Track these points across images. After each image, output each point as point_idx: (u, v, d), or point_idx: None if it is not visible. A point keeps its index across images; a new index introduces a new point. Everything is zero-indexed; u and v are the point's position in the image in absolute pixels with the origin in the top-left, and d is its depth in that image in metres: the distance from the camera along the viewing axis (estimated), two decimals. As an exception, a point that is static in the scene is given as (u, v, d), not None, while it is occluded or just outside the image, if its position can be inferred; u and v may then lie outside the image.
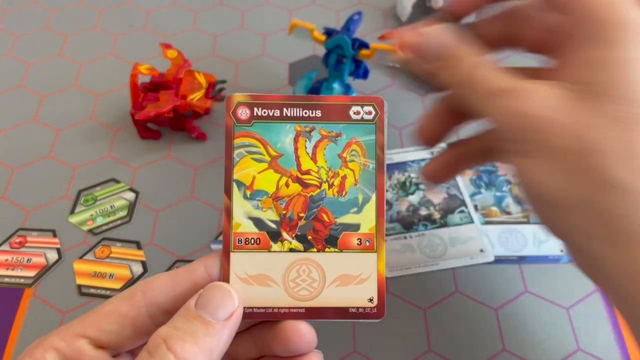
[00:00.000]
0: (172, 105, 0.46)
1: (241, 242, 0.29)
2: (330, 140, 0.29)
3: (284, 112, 0.29)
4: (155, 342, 0.25)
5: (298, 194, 0.29)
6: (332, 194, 0.29)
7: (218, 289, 0.27)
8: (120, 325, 0.27)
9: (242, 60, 0.56)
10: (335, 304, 0.29)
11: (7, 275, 0.41)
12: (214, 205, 0.45)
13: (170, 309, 0.28)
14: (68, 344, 0.26)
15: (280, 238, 0.29)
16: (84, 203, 0.45)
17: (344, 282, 0.29)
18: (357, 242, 0.29)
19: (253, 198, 0.29)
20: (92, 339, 0.27)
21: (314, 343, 0.28)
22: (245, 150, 0.29)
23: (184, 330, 0.25)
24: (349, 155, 0.29)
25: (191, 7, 0.62)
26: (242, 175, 0.29)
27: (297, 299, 0.29)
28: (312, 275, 0.29)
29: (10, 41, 0.59)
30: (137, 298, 0.27)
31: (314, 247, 0.29)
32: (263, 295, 0.29)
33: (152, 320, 0.28)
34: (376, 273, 0.29)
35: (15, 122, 0.51)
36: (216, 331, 0.26)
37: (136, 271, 0.41)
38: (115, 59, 0.57)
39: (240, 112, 0.29)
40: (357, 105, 0.29)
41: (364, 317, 0.29)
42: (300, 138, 0.29)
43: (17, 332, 0.38)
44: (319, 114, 0.29)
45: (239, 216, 0.29)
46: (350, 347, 0.38)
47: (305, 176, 0.29)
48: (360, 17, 0.48)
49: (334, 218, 0.29)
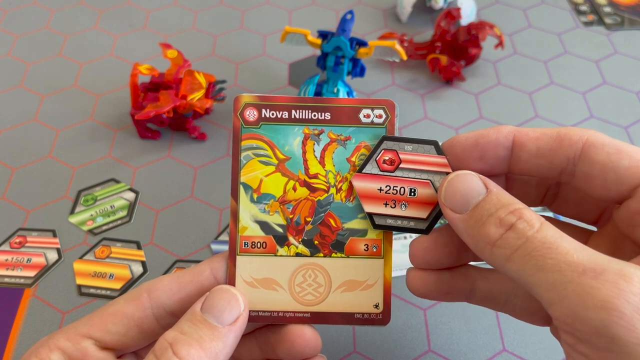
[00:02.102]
0: (172, 105, 0.46)
1: (247, 246, 0.29)
2: (339, 144, 0.29)
3: (293, 114, 0.29)
4: (161, 346, 0.25)
5: (305, 198, 0.29)
6: (340, 199, 0.29)
7: (224, 293, 0.27)
8: (125, 326, 0.27)
9: (242, 60, 0.56)
10: (341, 309, 0.29)
11: (7, 275, 0.41)
12: (214, 205, 0.45)
13: (175, 310, 0.28)
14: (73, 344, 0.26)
15: (286, 242, 0.29)
16: (84, 203, 0.45)
17: (350, 287, 0.29)
18: (364, 248, 0.29)
19: (260, 201, 0.29)
20: (97, 340, 0.27)
21: (318, 348, 0.28)
22: (252, 153, 0.29)
23: (190, 335, 0.25)
24: (358, 159, 0.29)
25: (191, 7, 0.62)
26: (249, 178, 0.29)
27: (303, 304, 0.28)
28: (318, 280, 0.29)
29: (10, 41, 0.59)
30: (143, 299, 0.27)
31: (320, 252, 0.29)
32: (269, 299, 0.28)
33: (158, 321, 0.28)
34: (382, 279, 0.29)
35: (15, 122, 0.51)
36: (222, 335, 0.26)
37: (136, 271, 0.41)
38: (115, 59, 0.57)
39: (248, 114, 0.29)
40: (367, 109, 0.29)
41: (370, 322, 0.29)
42: (309, 141, 0.29)
43: (17, 332, 0.38)
44: (328, 117, 0.29)
45: (245, 219, 0.29)
46: (351, 347, 0.38)
47: (313, 180, 0.29)
48: (353, 16, 0.48)
49: (341, 223, 0.29)
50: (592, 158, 0.25)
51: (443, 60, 0.53)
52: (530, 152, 0.26)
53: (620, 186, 0.25)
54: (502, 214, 0.24)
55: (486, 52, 0.56)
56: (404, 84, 0.54)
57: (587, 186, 0.26)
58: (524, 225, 0.23)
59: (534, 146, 0.26)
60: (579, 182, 0.26)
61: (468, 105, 0.52)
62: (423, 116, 0.51)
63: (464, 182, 0.26)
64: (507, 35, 0.59)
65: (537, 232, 0.23)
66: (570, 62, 0.56)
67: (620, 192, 0.25)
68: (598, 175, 0.25)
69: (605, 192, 0.26)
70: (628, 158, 0.25)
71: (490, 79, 0.55)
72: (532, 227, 0.23)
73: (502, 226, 0.24)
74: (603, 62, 0.56)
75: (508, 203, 0.25)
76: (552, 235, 0.23)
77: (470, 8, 0.58)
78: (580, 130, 0.26)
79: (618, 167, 0.25)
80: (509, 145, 0.27)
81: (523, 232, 0.23)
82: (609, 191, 0.26)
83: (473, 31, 0.53)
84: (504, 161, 0.27)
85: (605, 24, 0.60)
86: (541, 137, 0.26)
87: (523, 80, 0.54)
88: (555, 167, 0.26)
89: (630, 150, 0.25)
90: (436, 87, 0.54)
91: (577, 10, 0.62)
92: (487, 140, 0.27)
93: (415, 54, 0.55)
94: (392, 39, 0.55)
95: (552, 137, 0.26)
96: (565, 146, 0.26)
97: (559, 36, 0.59)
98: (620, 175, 0.25)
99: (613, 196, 0.26)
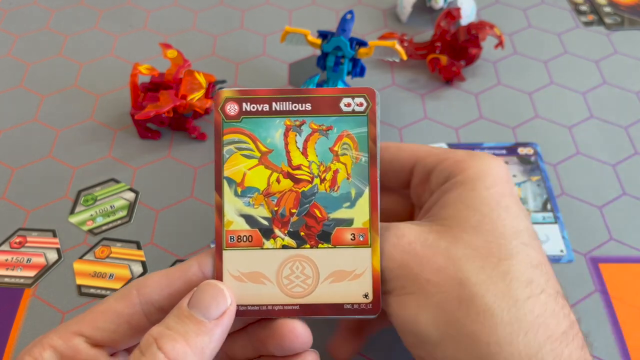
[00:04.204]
0: (172, 105, 0.46)
1: (233, 240, 0.29)
2: (321, 134, 0.29)
3: (273, 106, 0.29)
4: (147, 342, 0.25)
5: (289, 190, 0.29)
6: (324, 189, 0.29)
7: (211, 288, 0.27)
8: (115, 323, 0.27)
9: (242, 60, 0.56)
10: (330, 300, 0.28)
11: (7, 275, 0.41)
12: (214, 205, 0.45)
13: (164, 306, 0.28)
14: (65, 342, 0.27)
15: (272, 235, 0.29)
16: (84, 203, 0.45)
17: (338, 278, 0.28)
18: (350, 238, 0.29)
19: (244, 195, 0.29)
20: (88, 337, 0.27)
21: (309, 342, 0.28)
22: (235, 147, 0.29)
23: (176, 330, 0.25)
24: (341, 148, 0.29)
25: (191, 7, 0.62)
26: (232, 172, 0.29)
27: (291, 296, 0.28)
28: (305, 272, 0.28)
29: (10, 41, 0.59)
30: (132, 296, 0.27)
31: (307, 243, 0.29)
32: (257, 293, 0.28)
33: (147, 318, 0.28)
34: (371, 268, 0.28)
35: (15, 122, 0.51)
36: (208, 330, 0.26)
37: (136, 271, 0.41)
38: (115, 59, 0.57)
39: (229, 108, 0.29)
40: (347, 97, 0.29)
41: (359, 313, 0.28)
42: (290, 132, 0.29)
43: (17, 332, 0.38)
44: (308, 108, 0.29)
45: (230, 214, 0.29)
46: (350, 347, 0.38)
47: (296, 171, 0.29)
48: (353, 16, 0.48)
49: (327, 213, 0.29)
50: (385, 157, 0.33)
51: (443, 60, 0.53)
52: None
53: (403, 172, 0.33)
54: None
55: (486, 52, 0.56)
56: (404, 84, 0.54)
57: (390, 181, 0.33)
58: None
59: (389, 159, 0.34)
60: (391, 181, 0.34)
61: (468, 105, 0.52)
62: (423, 116, 0.51)
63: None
64: (507, 35, 0.59)
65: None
66: (570, 62, 0.56)
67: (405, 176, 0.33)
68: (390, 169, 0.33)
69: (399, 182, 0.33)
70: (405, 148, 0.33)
71: (490, 79, 0.55)
72: None
73: None
74: (603, 62, 0.56)
75: None
76: None
77: (470, 8, 0.58)
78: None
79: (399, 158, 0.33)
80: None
81: None
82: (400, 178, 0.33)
83: (473, 31, 0.53)
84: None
85: (605, 24, 0.60)
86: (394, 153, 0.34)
87: (523, 80, 0.54)
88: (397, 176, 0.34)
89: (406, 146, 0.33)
90: (436, 87, 0.54)
91: (577, 10, 0.62)
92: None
93: (415, 54, 0.55)
94: (392, 39, 0.55)
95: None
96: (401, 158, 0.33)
97: (559, 36, 0.59)
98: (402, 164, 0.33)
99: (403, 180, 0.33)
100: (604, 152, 0.48)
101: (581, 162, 0.48)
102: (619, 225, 0.44)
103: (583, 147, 0.49)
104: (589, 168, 0.47)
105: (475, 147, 0.48)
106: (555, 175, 0.47)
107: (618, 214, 0.44)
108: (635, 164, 0.48)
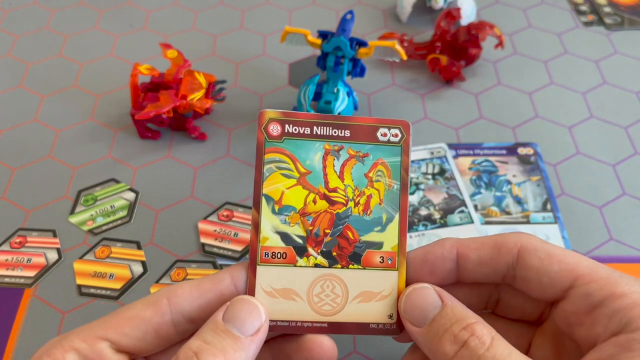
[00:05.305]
0: (172, 105, 0.46)
1: (268, 256, 0.29)
2: (357, 160, 0.30)
3: (314, 130, 0.30)
4: (186, 355, 0.25)
5: (325, 211, 0.30)
6: (358, 212, 0.30)
7: (246, 303, 0.27)
8: (143, 330, 0.27)
9: (242, 60, 0.56)
10: (357, 319, 0.29)
11: (7, 275, 0.41)
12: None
13: (194, 317, 0.28)
14: (89, 345, 0.26)
15: (306, 253, 0.29)
16: (84, 203, 0.45)
17: (366, 298, 0.29)
18: (379, 260, 0.30)
19: (281, 213, 0.30)
20: (113, 342, 0.27)
21: (335, 357, 0.29)
22: (275, 166, 0.30)
23: (214, 345, 0.25)
24: (375, 175, 0.30)
25: (191, 7, 0.62)
26: (271, 190, 0.30)
27: (321, 314, 0.29)
28: (335, 291, 0.29)
29: (10, 41, 0.59)
30: (162, 305, 0.27)
31: (338, 263, 0.29)
32: (287, 309, 0.29)
33: (175, 327, 0.28)
34: (397, 290, 0.29)
35: (15, 122, 0.51)
36: (244, 346, 0.26)
37: (136, 271, 0.41)
38: (115, 59, 0.57)
39: (272, 128, 0.30)
40: (384, 127, 0.30)
41: (384, 332, 0.29)
42: (329, 156, 0.30)
43: (17, 332, 0.38)
44: (347, 134, 0.30)
45: (266, 230, 0.29)
46: (350, 347, 0.38)
47: (332, 194, 0.30)
48: (353, 16, 0.48)
49: (359, 236, 0.30)
50: (527, 263, 0.28)
51: (443, 60, 0.53)
52: (474, 262, 0.29)
53: (553, 289, 0.28)
54: (456, 329, 0.26)
55: (486, 52, 0.56)
56: (404, 84, 0.54)
57: (526, 288, 0.29)
58: (475, 343, 0.25)
59: (476, 257, 0.29)
60: (519, 285, 0.29)
61: (468, 105, 0.52)
62: (423, 116, 0.51)
63: (420, 295, 0.28)
64: (507, 35, 0.59)
65: (487, 350, 0.25)
66: (570, 62, 0.56)
67: (554, 294, 0.28)
68: (534, 279, 0.28)
69: (542, 294, 0.28)
70: (558, 262, 0.27)
71: (490, 79, 0.55)
72: (483, 345, 0.25)
73: (456, 343, 0.26)
74: (603, 62, 0.56)
75: (462, 317, 0.27)
76: (501, 352, 0.25)
77: (470, 8, 0.58)
78: (514, 237, 0.29)
79: (550, 271, 0.27)
80: (453, 258, 0.29)
81: (475, 351, 0.25)
82: (545, 293, 0.28)
83: (473, 31, 0.53)
84: (452, 272, 0.29)
85: (605, 24, 0.60)
86: (481, 247, 0.29)
87: (523, 80, 0.54)
88: (497, 273, 0.29)
89: (560, 254, 0.28)
90: (436, 87, 0.54)
91: (577, 10, 0.62)
92: (434, 256, 0.29)
93: (415, 54, 0.55)
94: (392, 39, 0.55)
95: (490, 246, 0.29)
96: (504, 254, 0.28)
97: (559, 36, 0.59)
98: (553, 279, 0.27)
99: (549, 297, 0.28)
100: (604, 152, 0.48)
101: (581, 162, 0.48)
102: (619, 225, 0.44)
103: (583, 147, 0.49)
104: (589, 168, 0.47)
105: (475, 147, 0.48)
106: (555, 175, 0.47)
107: (618, 214, 0.44)
108: (635, 164, 0.48)
